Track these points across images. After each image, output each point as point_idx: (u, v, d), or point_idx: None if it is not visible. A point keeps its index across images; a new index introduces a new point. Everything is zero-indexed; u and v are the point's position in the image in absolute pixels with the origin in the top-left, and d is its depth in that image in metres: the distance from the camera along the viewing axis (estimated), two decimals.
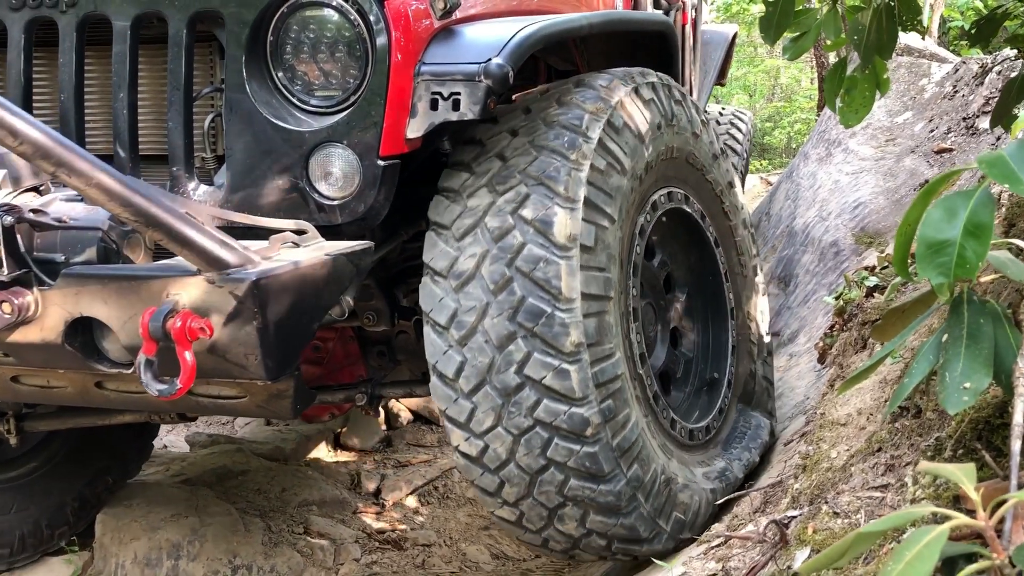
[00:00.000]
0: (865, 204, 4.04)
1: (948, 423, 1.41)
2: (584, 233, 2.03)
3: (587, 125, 2.13)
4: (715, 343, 2.76)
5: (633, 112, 2.27)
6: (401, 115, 2.05)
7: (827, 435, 1.80)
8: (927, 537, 0.81)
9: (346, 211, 2.10)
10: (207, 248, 1.73)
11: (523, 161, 2.10)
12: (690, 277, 2.76)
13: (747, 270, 2.87)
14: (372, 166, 2.06)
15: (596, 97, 2.20)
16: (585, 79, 2.32)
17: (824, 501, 1.49)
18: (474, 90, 2.02)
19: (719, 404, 2.66)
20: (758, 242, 4.67)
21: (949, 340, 1.08)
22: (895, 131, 4.57)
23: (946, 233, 1.00)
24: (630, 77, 2.35)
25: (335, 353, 3.23)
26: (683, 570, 1.85)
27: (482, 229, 2.06)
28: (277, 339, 1.83)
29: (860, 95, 2.01)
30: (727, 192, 2.77)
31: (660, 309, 2.66)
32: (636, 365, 2.24)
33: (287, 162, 2.10)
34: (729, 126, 5.63)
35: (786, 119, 11.53)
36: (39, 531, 3.22)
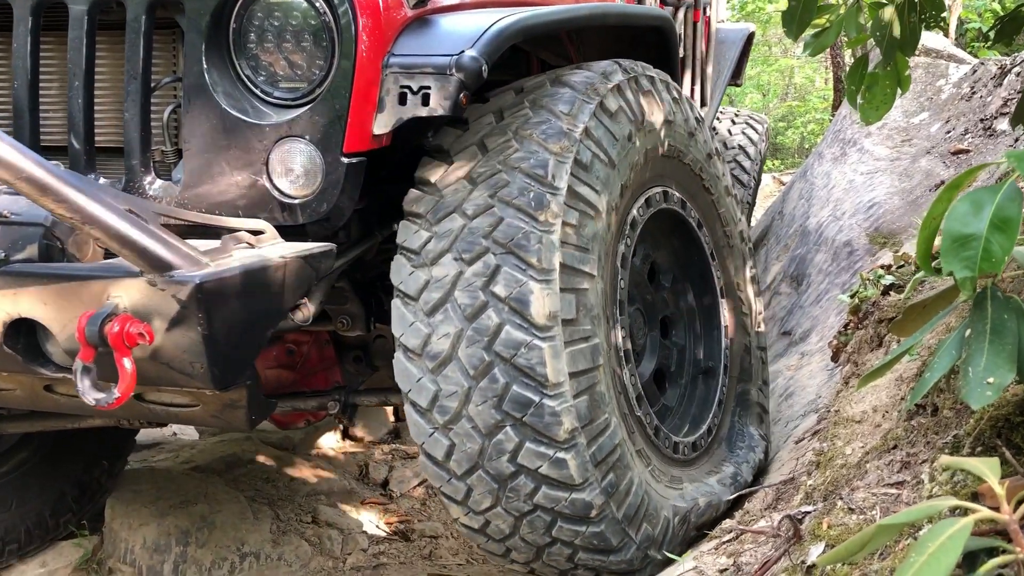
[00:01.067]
0: (880, 204, 4.03)
1: (966, 421, 1.41)
2: (564, 306, 1.92)
3: (553, 172, 1.97)
4: (707, 325, 2.73)
5: (602, 138, 2.11)
6: (367, 109, 1.95)
7: (842, 432, 1.79)
8: (951, 529, 0.81)
9: (308, 210, 1.99)
10: (148, 248, 1.64)
11: (487, 223, 1.95)
12: (674, 261, 2.69)
13: (732, 239, 2.79)
14: (336, 163, 1.95)
15: (559, 132, 2.03)
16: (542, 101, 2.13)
17: (839, 497, 1.49)
18: (445, 84, 1.92)
19: (717, 395, 2.62)
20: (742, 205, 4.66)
21: (972, 335, 1.07)
22: (911, 131, 4.55)
23: (972, 227, 1.00)
24: (591, 89, 2.15)
25: (309, 358, 3.10)
26: (694, 564, 1.85)
27: (452, 305, 1.92)
28: (225, 346, 1.74)
29: (881, 92, 2.00)
30: (707, 167, 2.66)
31: (647, 303, 2.59)
32: (634, 408, 2.19)
33: (246, 157, 1.99)
34: (743, 131, 5.46)
35: (799, 119, 11.49)
36: (43, 522, 3.23)
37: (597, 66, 2.24)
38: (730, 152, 5.28)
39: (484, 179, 1.99)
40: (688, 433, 2.56)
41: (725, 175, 2.75)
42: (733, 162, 5.25)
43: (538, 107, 2.09)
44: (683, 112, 2.49)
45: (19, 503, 3.14)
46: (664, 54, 2.90)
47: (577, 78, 2.16)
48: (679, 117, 2.45)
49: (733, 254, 2.79)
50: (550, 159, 1.98)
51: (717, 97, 4.96)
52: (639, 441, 2.21)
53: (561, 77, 2.17)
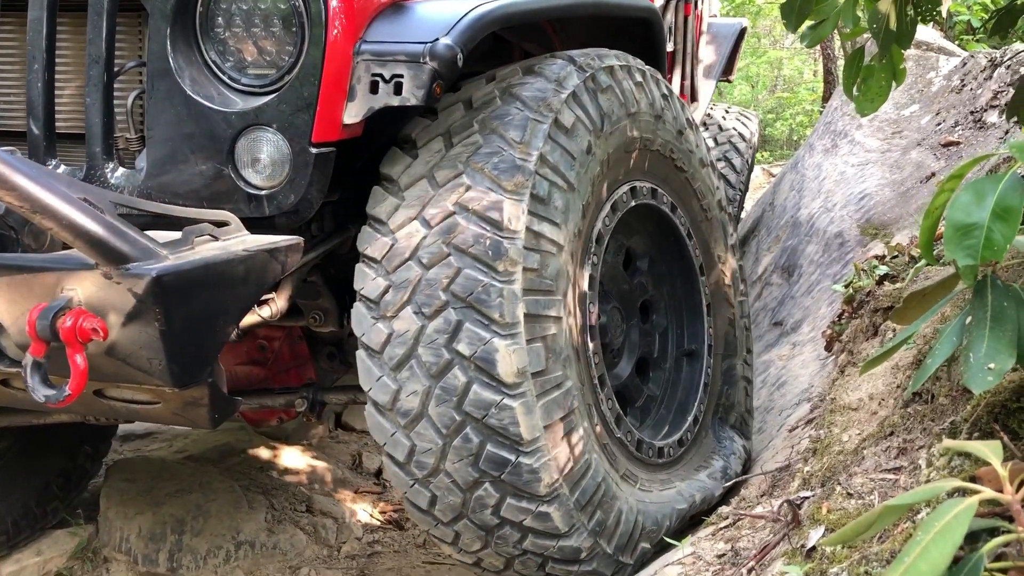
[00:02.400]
0: (871, 196, 4.06)
1: (962, 407, 1.43)
2: (532, 359, 1.85)
3: (509, 216, 1.87)
4: (688, 305, 2.68)
5: (559, 162, 1.99)
6: (337, 98, 1.88)
7: (838, 419, 1.82)
8: (956, 509, 0.83)
9: (275, 202, 1.93)
10: (103, 239, 1.56)
11: (444, 274, 1.87)
12: (650, 244, 2.63)
13: (710, 211, 2.71)
14: (304, 153, 1.89)
15: (513, 166, 1.92)
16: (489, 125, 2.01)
17: (837, 483, 1.51)
18: (418, 73, 1.85)
19: (703, 379, 2.60)
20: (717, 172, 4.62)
21: (973, 322, 1.10)
22: (902, 124, 4.59)
23: (975, 216, 1.02)
24: (544, 105, 2.02)
25: (282, 354, 3.04)
26: (692, 550, 1.87)
27: (417, 362, 1.86)
28: (184, 343, 1.68)
29: (876, 84, 2.02)
30: (678, 145, 2.54)
31: (624, 293, 2.54)
32: (613, 431, 2.16)
33: (211, 146, 1.92)
34: (733, 130, 5.37)
35: (788, 111, 11.54)
36: (30, 512, 3.21)
37: (550, 70, 2.11)
38: (720, 148, 5.23)
39: (437, 222, 1.90)
40: (674, 426, 2.55)
41: (699, 146, 2.63)
42: (722, 159, 5.18)
43: (488, 131, 1.98)
44: (648, 96, 2.37)
45: (2, 496, 3.11)
46: (651, 46, 2.85)
47: (528, 92, 2.03)
48: (644, 104, 2.33)
49: (711, 226, 2.72)
50: (504, 201, 1.88)
51: (708, 92, 4.92)
52: (623, 464, 2.18)
53: (512, 89, 2.05)
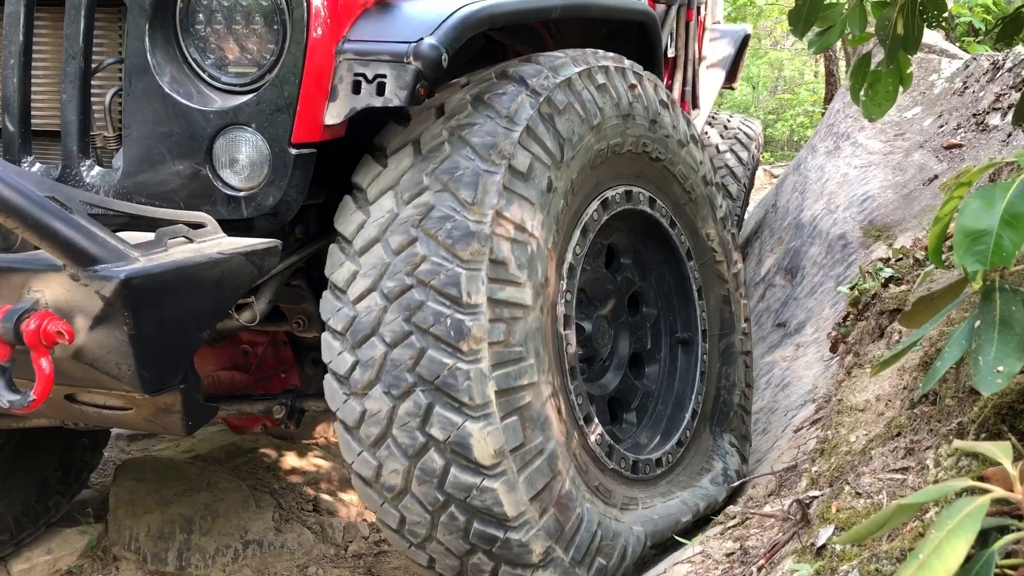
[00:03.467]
0: (873, 198, 4.08)
1: (969, 408, 1.46)
2: (509, 437, 1.81)
3: (467, 289, 1.80)
4: (679, 292, 2.63)
5: (518, 216, 1.89)
6: (319, 97, 1.84)
7: (845, 420, 1.85)
8: (968, 507, 0.86)
9: (253, 204, 1.89)
10: (70, 239, 1.52)
11: (408, 355, 1.81)
12: (632, 237, 2.55)
13: (694, 190, 2.61)
14: (283, 154, 1.85)
15: (467, 232, 1.82)
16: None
17: (846, 482, 1.54)
18: (401, 73, 1.80)
19: (699, 367, 2.57)
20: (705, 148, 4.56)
21: (982, 326, 1.12)
22: (904, 126, 4.61)
23: (984, 222, 1.04)
24: (497, 152, 1.91)
25: (265, 359, 2.98)
26: (701, 548, 1.90)
27: (393, 443, 1.84)
28: (154, 348, 1.63)
29: (883, 89, 2.05)
30: (652, 134, 2.41)
31: (607, 292, 2.48)
32: (606, 465, 2.15)
33: (189, 145, 1.88)
34: (734, 140, 5.31)
35: (789, 111, 11.57)
36: (31, 509, 3.21)
37: (500, 103, 1.97)
38: (721, 157, 5.14)
39: (395, 296, 1.84)
40: (672, 422, 2.52)
41: (676, 126, 2.49)
42: (724, 168, 5.12)
43: (439, 186, 1.88)
44: (613, 97, 2.22)
45: (1, 494, 3.11)
46: (647, 50, 2.81)
47: (478, 138, 1.91)
48: (609, 109, 2.20)
49: (697, 205, 2.64)
50: (461, 274, 1.80)
51: (710, 99, 4.86)
52: (619, 495, 2.17)
53: (461, 132, 1.94)
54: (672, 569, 1.91)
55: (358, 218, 1.93)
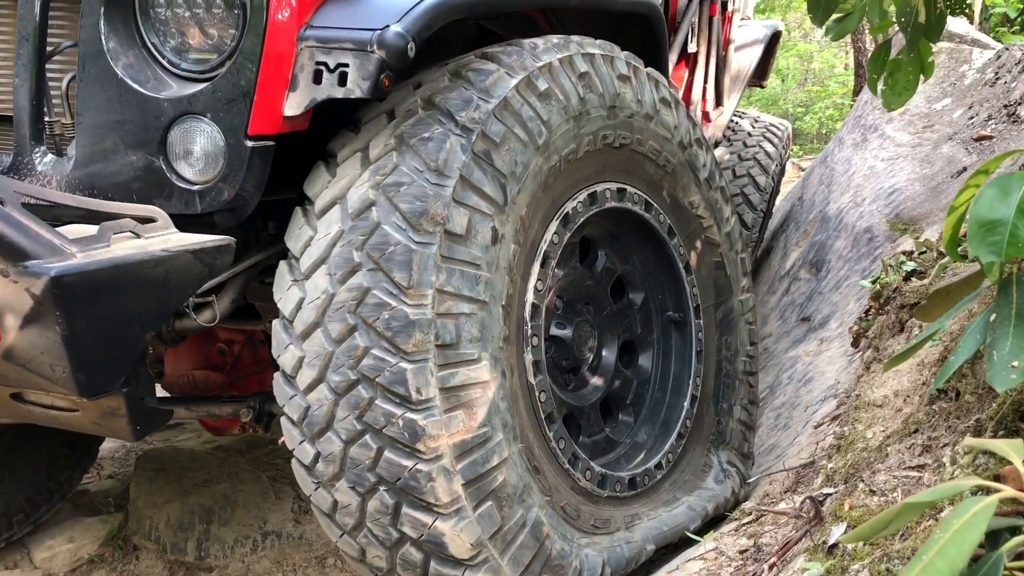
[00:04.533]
0: (901, 190, 4.01)
1: (988, 405, 1.42)
2: (486, 524, 1.74)
3: (415, 386, 1.67)
4: (665, 271, 2.49)
5: (458, 286, 1.75)
6: (278, 87, 1.74)
7: (863, 416, 1.81)
8: (976, 507, 0.83)
9: (208, 198, 1.80)
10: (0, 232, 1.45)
11: (365, 453, 1.72)
12: (607, 225, 2.40)
13: (670, 164, 2.40)
14: (239, 146, 1.75)
15: (407, 321, 1.69)
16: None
17: (860, 479, 1.51)
18: (364, 63, 1.70)
19: (694, 346, 2.45)
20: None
21: (997, 320, 1.09)
22: (933, 118, 4.53)
23: (999, 212, 1.01)
24: (428, 216, 1.73)
25: (242, 359, 2.89)
26: (714, 545, 1.87)
27: (369, 532, 1.78)
28: (90, 349, 1.55)
29: (904, 78, 2.00)
30: (611, 121, 2.20)
31: (591, 290, 2.36)
32: (599, 497, 2.09)
33: (142, 135, 1.79)
34: (761, 138, 5.11)
35: (818, 104, 11.42)
36: (41, 487, 3.23)
37: (429, 150, 1.79)
38: (744, 165, 4.92)
39: (342, 391, 1.72)
40: (671, 410, 2.43)
41: (641, 99, 2.26)
42: (747, 176, 4.90)
43: (371, 264, 1.72)
44: (560, 98, 2.02)
45: (11, 475, 3.14)
46: (651, 44, 2.69)
47: (406, 203, 1.74)
48: (555, 119, 2.00)
49: (675, 177, 2.44)
50: (407, 369, 1.67)
51: (735, 96, 4.72)
52: (619, 519, 2.13)
53: (389, 192, 1.75)
54: (685, 566, 1.88)
55: (306, 233, 1.83)
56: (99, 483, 3.80)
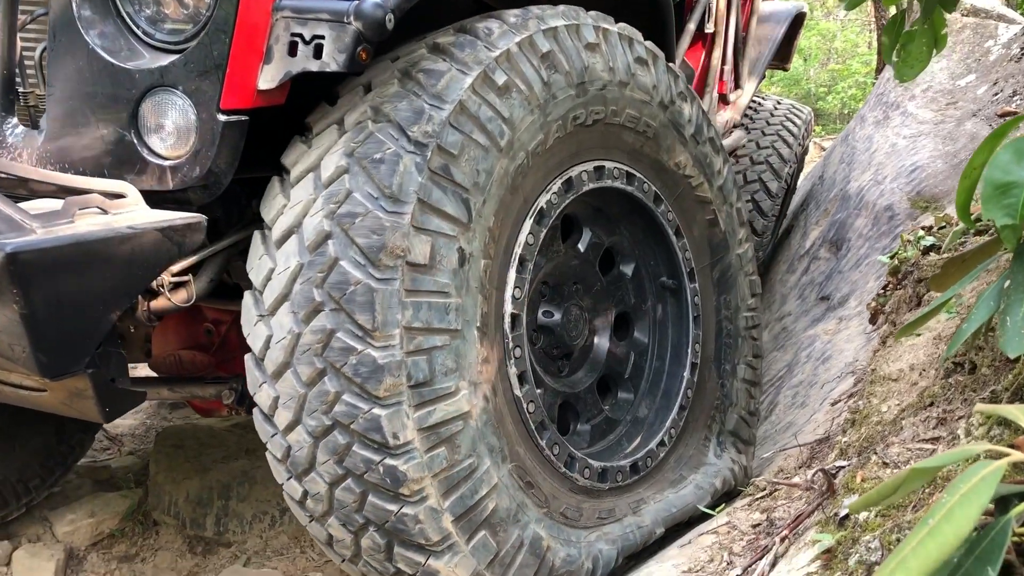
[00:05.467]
0: (922, 168, 3.96)
1: (1005, 377, 1.40)
2: (481, 557, 1.72)
3: (391, 432, 1.63)
4: (654, 237, 2.38)
5: (426, 319, 1.66)
6: (251, 59, 1.68)
7: (878, 390, 1.79)
8: (984, 471, 0.81)
9: (179, 174, 1.74)
10: None
11: (350, 497, 1.71)
12: (589, 199, 2.24)
13: (651, 128, 2.24)
14: (210, 120, 1.69)
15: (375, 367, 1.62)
16: None
17: (873, 452, 1.49)
18: (340, 34, 1.63)
19: (691, 312, 2.36)
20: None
21: (1012, 286, 1.07)
22: (957, 94, 4.46)
23: (1014, 174, 0.99)
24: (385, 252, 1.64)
25: (228, 339, 2.83)
26: (727, 519, 1.86)
27: (366, 565, 1.78)
28: (52, 329, 1.51)
29: (917, 50, 1.96)
30: (583, 98, 2.04)
31: (577, 269, 2.28)
32: (601, 492, 2.05)
33: (114, 108, 1.73)
34: (780, 126, 4.96)
35: (841, 83, 11.28)
36: (53, 451, 3.25)
37: (381, 173, 1.69)
38: (763, 152, 4.78)
39: (319, 435, 1.68)
40: (671, 379, 2.35)
41: (613, 67, 2.10)
42: (764, 164, 4.77)
43: (333, 304, 1.65)
44: (523, 90, 1.88)
45: (23, 443, 3.16)
46: (656, 21, 2.58)
47: (363, 238, 1.65)
48: (519, 113, 1.86)
49: (657, 141, 2.27)
50: (381, 416, 1.62)
51: (753, 80, 4.58)
52: (624, 506, 2.10)
53: (343, 224, 1.66)
54: (697, 540, 1.88)
55: (279, 202, 1.78)
56: (119, 459, 3.84)
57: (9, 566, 3.12)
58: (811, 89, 11.36)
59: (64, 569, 3.16)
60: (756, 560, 1.58)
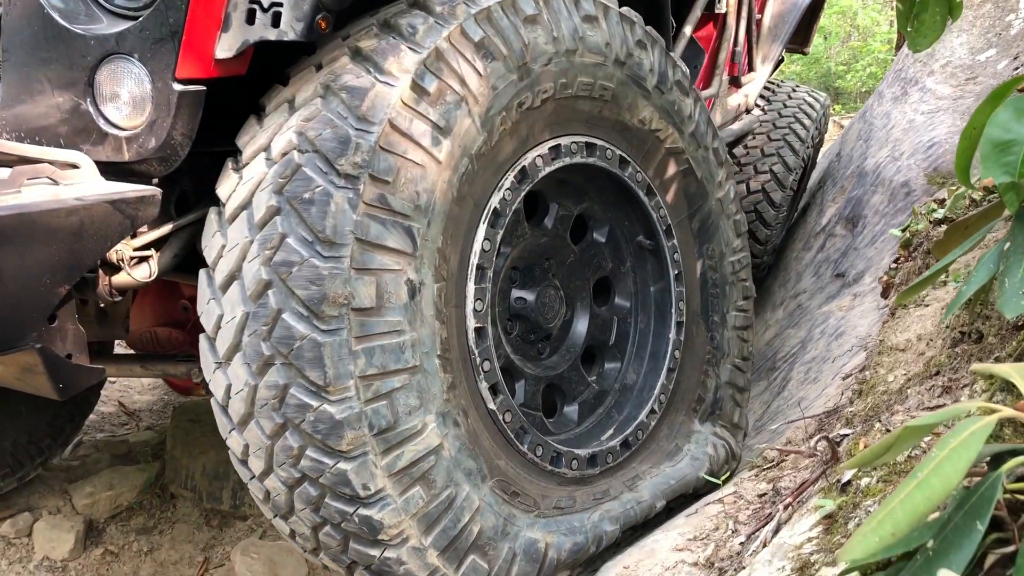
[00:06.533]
0: (940, 144, 3.92)
1: (1008, 343, 1.39)
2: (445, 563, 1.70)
3: (360, 483, 1.61)
4: (624, 197, 2.25)
5: (392, 358, 1.62)
6: (209, 27, 1.62)
7: (885, 360, 1.78)
8: (973, 426, 0.81)
9: (135, 145, 1.69)
10: None
11: (333, 541, 1.70)
12: (553, 175, 2.09)
13: (607, 91, 2.10)
14: (166, 90, 1.64)
15: (333, 424, 1.58)
16: None
17: (877, 420, 1.49)
18: (299, 2, 1.58)
19: (671, 269, 2.27)
20: None
21: (1011, 248, 1.06)
22: (976, 69, 4.40)
23: (1013, 132, 0.98)
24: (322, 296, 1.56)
25: None
26: (734, 489, 1.87)
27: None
28: None
29: (931, 19, 1.93)
30: (529, 87, 1.90)
31: (549, 245, 2.19)
32: (591, 477, 2.02)
33: (69, 75, 1.68)
34: (797, 109, 4.83)
35: (860, 62, 11.15)
36: (61, 412, 3.27)
37: (312, 216, 1.59)
38: (774, 144, 4.64)
39: (292, 485, 1.66)
40: (657, 340, 2.29)
41: (557, 36, 1.93)
42: (775, 156, 4.64)
43: (281, 359, 1.59)
44: (457, 94, 1.75)
45: (27, 404, 3.17)
46: (653, 7, 2.48)
47: (303, 290, 1.57)
48: (457, 123, 1.74)
49: (616, 101, 2.12)
50: (347, 470, 1.60)
51: (768, 64, 4.46)
52: (618, 485, 2.08)
53: (281, 274, 1.58)
54: (703, 509, 1.88)
55: (232, 181, 1.72)
56: (137, 434, 3.89)
57: (31, 537, 3.18)
58: (831, 67, 11.24)
59: (84, 540, 3.22)
60: (760, 527, 1.58)
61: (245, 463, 1.70)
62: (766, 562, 1.30)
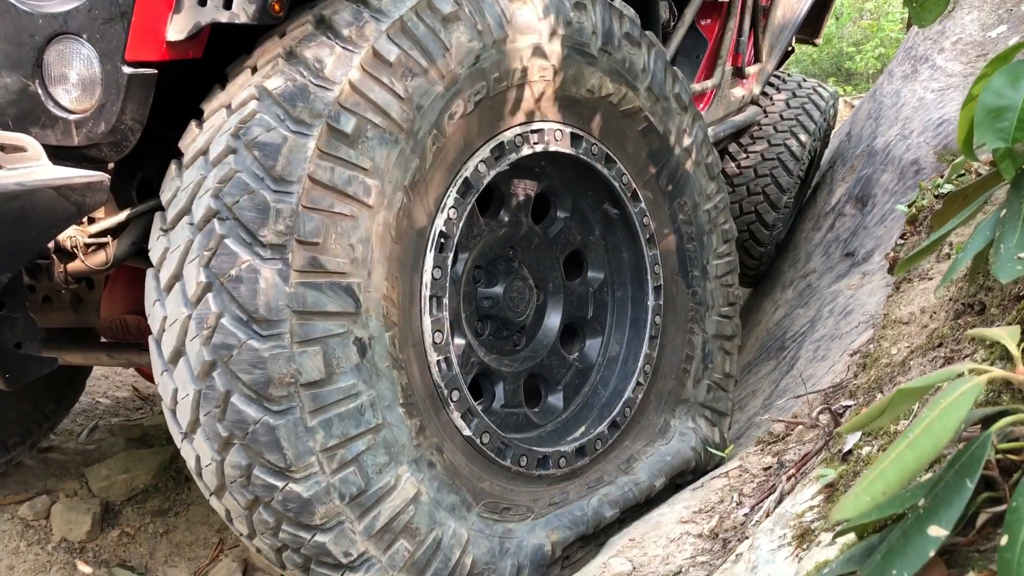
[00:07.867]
0: (950, 121, 3.90)
1: (1010, 314, 1.40)
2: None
3: (341, 552, 1.61)
4: (586, 175, 2.16)
5: (352, 424, 1.59)
6: (160, 8, 1.56)
7: (889, 333, 1.79)
8: (964, 387, 0.82)
9: (84, 129, 1.64)
10: None
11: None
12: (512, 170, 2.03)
13: (551, 66, 1.94)
14: (116, 73, 1.59)
15: (302, 503, 1.57)
16: None
17: (880, 391, 1.50)
18: None
19: (642, 233, 2.19)
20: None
21: (1007, 214, 1.07)
22: (987, 46, 4.37)
23: (1008, 98, 0.98)
24: None
25: None
26: (739, 463, 1.88)
27: None
28: None
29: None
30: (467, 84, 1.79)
31: (511, 230, 2.12)
32: (575, 471, 2.01)
33: (17, 55, 1.63)
34: (806, 100, 4.72)
35: (870, 42, 11.06)
36: (64, 376, 3.31)
37: (243, 295, 1.52)
38: (780, 136, 4.55)
39: (265, 540, 1.64)
40: (636, 309, 2.23)
41: (482, 31, 1.79)
42: (782, 145, 4.55)
43: (239, 441, 1.56)
44: (397, 94, 1.65)
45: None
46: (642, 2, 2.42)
47: (246, 374, 1.52)
48: (396, 132, 1.65)
49: (559, 77, 1.97)
50: (325, 541, 1.59)
51: (777, 53, 4.37)
52: (612, 469, 2.07)
53: (229, 362, 1.53)
54: (709, 483, 1.90)
55: (174, 186, 1.67)
56: (151, 418, 3.94)
57: (48, 519, 3.23)
58: (842, 48, 11.16)
59: (101, 522, 3.26)
60: (763, 498, 1.60)
61: (231, 523, 1.71)
62: (768, 531, 1.32)
